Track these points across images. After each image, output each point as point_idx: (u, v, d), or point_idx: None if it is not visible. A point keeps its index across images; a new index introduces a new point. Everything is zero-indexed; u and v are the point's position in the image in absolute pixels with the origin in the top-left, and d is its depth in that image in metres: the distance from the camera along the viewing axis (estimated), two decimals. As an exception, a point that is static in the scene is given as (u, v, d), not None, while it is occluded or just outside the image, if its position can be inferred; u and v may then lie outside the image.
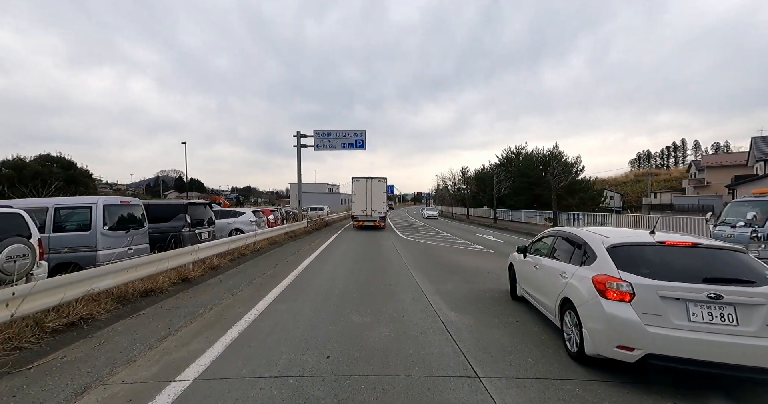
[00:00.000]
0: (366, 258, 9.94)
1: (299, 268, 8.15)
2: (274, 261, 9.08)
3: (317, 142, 20.58)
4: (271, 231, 12.43)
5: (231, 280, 6.78)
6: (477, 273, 7.93)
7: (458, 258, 10.11)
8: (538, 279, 4.43)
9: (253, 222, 13.66)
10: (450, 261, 9.69)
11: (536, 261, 4.61)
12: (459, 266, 8.83)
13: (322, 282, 6.71)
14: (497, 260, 9.92)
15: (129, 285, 4.91)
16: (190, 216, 8.33)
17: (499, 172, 28.27)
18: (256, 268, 8.10)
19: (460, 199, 50.72)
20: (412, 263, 9.20)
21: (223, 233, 12.90)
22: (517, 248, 5.43)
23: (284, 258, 9.81)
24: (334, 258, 9.83)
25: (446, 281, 7.02)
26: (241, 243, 9.23)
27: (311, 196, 57.72)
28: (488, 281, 7.08)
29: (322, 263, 9.02)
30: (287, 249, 11.80)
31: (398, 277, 7.32)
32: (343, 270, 8.08)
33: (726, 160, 47.17)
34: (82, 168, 25.75)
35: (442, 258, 10.12)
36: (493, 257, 10.57)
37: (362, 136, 20.66)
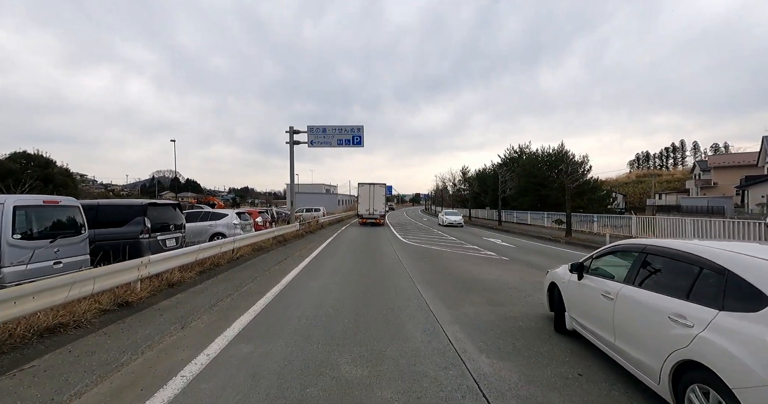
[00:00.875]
0: (363, 269, 8.51)
1: (281, 283, 6.70)
2: (254, 274, 7.62)
3: (311, 138, 19.13)
4: (256, 236, 10.97)
5: (190, 302, 5.32)
6: (499, 289, 6.50)
7: (471, 269, 8.68)
8: (614, 316, 3.01)
9: (237, 226, 12.21)
10: (462, 272, 8.26)
11: (606, 288, 3.19)
12: (474, 279, 7.41)
13: (307, 306, 5.27)
14: (517, 270, 8.51)
15: (22, 321, 3.45)
16: (150, 220, 6.87)
17: (504, 172, 26.88)
18: (229, 283, 6.64)
19: (461, 200, 49.42)
20: (417, 275, 7.77)
21: (202, 238, 11.46)
22: (570, 266, 3.98)
23: (267, 268, 8.35)
24: (325, 269, 8.39)
25: (464, 302, 5.59)
26: (214, 251, 7.77)
27: (308, 196, 56.24)
28: (516, 302, 5.65)
29: (310, 276, 7.58)
30: (273, 256, 10.34)
31: (403, 297, 5.89)
32: (335, 285, 6.64)
33: (734, 160, 46.05)
34: (61, 166, 24.24)
35: (452, 269, 8.69)
36: (511, 266, 9.15)
37: (359, 132, 19.23)
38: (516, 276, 7.78)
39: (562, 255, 11.72)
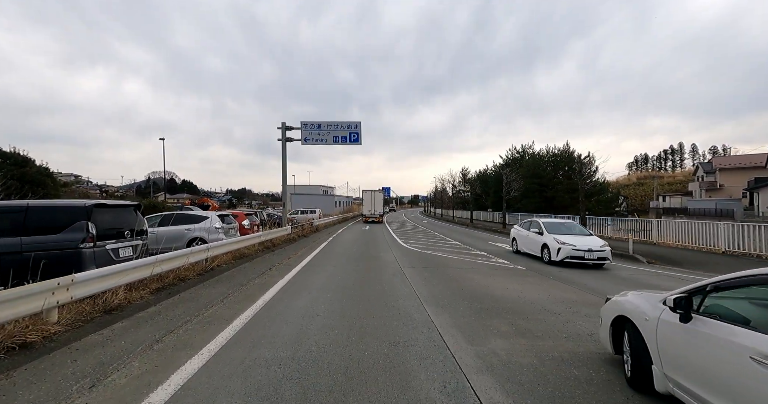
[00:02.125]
0: (359, 282, 7.21)
1: (257, 304, 5.40)
2: (227, 289, 6.31)
3: (305, 135, 17.84)
4: (238, 242, 9.65)
5: (127, 336, 4.00)
6: (527, 311, 5.23)
7: (485, 282, 7.41)
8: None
9: (219, 230, 10.87)
10: (475, 286, 6.98)
11: (761, 347, 1.93)
12: (492, 296, 6.13)
13: (283, 341, 3.97)
14: (537, 283, 7.24)
15: None
16: (96, 224, 5.56)
17: (508, 172, 25.66)
18: (191, 305, 5.32)
19: (461, 202, 48.23)
20: (423, 290, 6.49)
21: (179, 244, 10.13)
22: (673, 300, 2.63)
23: (245, 282, 7.04)
24: (314, 283, 7.09)
25: (488, 332, 4.31)
26: (178, 262, 6.44)
27: (304, 198, 54.85)
28: (555, 332, 4.37)
29: (295, 292, 6.27)
30: (256, 266, 9.03)
31: (409, 324, 4.60)
32: (323, 307, 5.34)
33: (740, 162, 45.10)
34: (40, 165, 22.85)
35: (463, 281, 7.41)
36: (530, 278, 7.87)
37: (357, 129, 17.97)
38: (540, 292, 6.51)
39: (583, 263, 10.46)
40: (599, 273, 8.87)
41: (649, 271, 9.35)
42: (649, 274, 8.86)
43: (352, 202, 79.57)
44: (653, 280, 8.06)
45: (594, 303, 5.75)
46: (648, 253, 11.86)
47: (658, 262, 10.73)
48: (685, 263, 10.50)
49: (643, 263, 10.75)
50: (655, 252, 12.39)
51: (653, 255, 11.53)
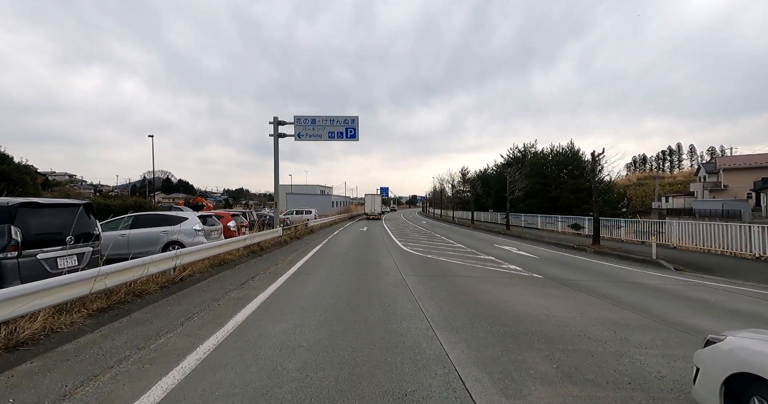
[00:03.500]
0: (354, 296, 6.10)
1: (225, 330, 4.28)
2: (192, 307, 5.18)
3: (298, 130, 16.74)
4: (217, 247, 8.50)
5: (19, 392, 2.88)
6: (565, 339, 4.13)
7: (502, 294, 6.31)
8: None
9: (199, 232, 9.75)
10: (492, 300, 5.89)
11: None
12: (516, 317, 5.03)
13: (247, 393, 2.86)
14: (564, 297, 6.13)
15: None
16: (24, 229, 4.43)
17: (512, 171, 24.62)
18: (136, 332, 4.18)
19: (460, 202, 47.19)
20: (432, 308, 5.39)
21: (153, 249, 9.01)
22: None
23: (218, 296, 5.91)
24: (300, 297, 5.97)
25: (524, 374, 3.21)
26: (133, 273, 5.25)
27: (300, 197, 53.67)
28: (612, 371, 3.28)
29: (276, 312, 5.16)
30: (236, 275, 7.89)
31: (419, 361, 3.49)
32: (308, 334, 4.23)
33: (745, 162, 44.26)
34: (19, 163, 21.62)
35: (477, 294, 6.32)
36: (552, 290, 6.78)
37: (354, 124, 16.86)
38: (570, 309, 5.43)
39: (605, 270, 9.40)
40: (625, 283, 7.80)
41: (682, 280, 8.29)
42: (684, 285, 7.79)
43: (350, 202, 78.42)
44: (696, 293, 6.99)
45: (642, 326, 4.68)
46: (673, 259, 10.81)
47: (687, 269, 9.67)
48: (718, 270, 9.44)
49: (670, 270, 9.69)
50: (680, 257, 11.34)
51: (679, 261, 10.48)
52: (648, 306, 5.80)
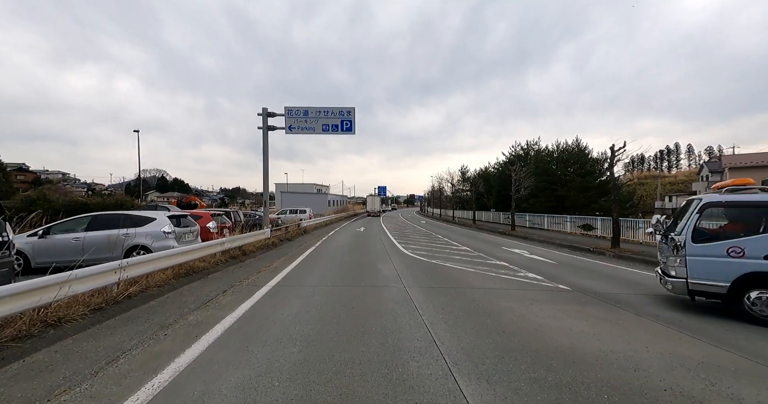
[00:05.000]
0: (346, 324, 4.79)
1: (150, 387, 2.97)
2: (126, 341, 3.86)
3: (290, 122, 15.39)
4: (184, 253, 7.14)
5: None
6: (648, 397, 2.85)
7: (533, 316, 5.03)
8: None
9: (169, 235, 8.40)
10: (522, 325, 4.60)
11: None
12: (562, 353, 3.75)
13: None
14: (616, 321, 4.81)
15: None
16: None
17: (518, 169, 23.37)
18: (16, 391, 2.87)
19: (460, 202, 45.97)
20: (448, 337, 4.10)
21: (113, 254, 7.67)
22: None
23: (169, 321, 4.58)
24: (279, 321, 4.66)
25: None
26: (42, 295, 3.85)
27: (296, 196, 52.30)
28: None
29: (238, 350, 3.84)
30: (205, 287, 6.56)
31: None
32: (277, 390, 2.93)
33: (751, 161, 43.31)
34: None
35: (500, 314, 5.03)
36: (597, 309, 5.49)
37: (350, 116, 15.55)
38: (630, 340, 4.15)
39: (638, 280, 8.13)
40: (671, 298, 6.45)
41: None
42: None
43: (347, 202, 77.04)
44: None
45: (741, 370, 3.40)
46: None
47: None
48: None
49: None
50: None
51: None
52: (724, 334, 4.53)
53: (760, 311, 4.90)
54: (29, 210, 13.43)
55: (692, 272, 5.39)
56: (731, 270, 5.10)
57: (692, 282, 5.39)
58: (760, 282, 4.96)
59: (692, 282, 5.39)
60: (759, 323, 4.88)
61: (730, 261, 5.13)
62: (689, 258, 5.42)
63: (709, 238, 5.44)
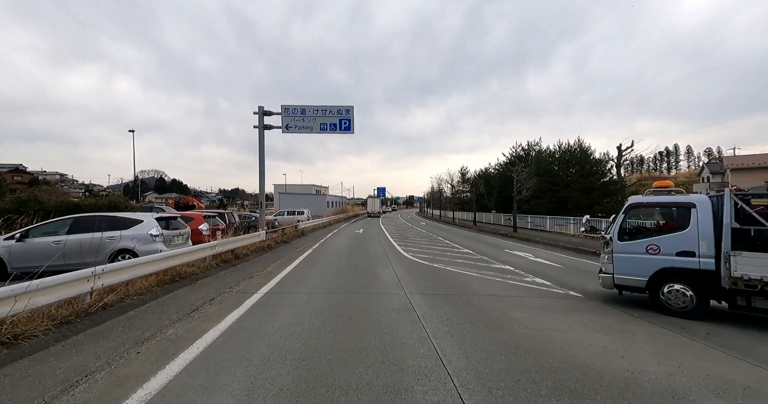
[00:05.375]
0: (340, 340, 4.33)
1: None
2: (92, 361, 3.40)
3: (286, 121, 14.97)
4: (169, 258, 6.67)
5: None
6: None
7: (546, 328, 4.59)
8: None
9: (156, 238, 7.94)
10: (537, 341, 4.16)
11: None
12: (583, 373, 3.31)
13: None
14: (630, 330, 4.38)
15: None
16: None
17: (520, 169, 22.96)
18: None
19: (459, 203, 45.53)
20: (457, 356, 3.65)
21: (97, 258, 7.23)
22: None
23: (146, 337, 4.13)
24: (267, 336, 4.21)
25: None
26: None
27: (294, 197, 51.80)
28: None
29: (221, 369, 3.39)
30: (192, 295, 6.11)
31: None
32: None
33: (754, 162, 42.95)
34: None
35: (513, 329, 4.58)
36: (611, 320, 5.05)
37: (348, 115, 15.13)
38: (658, 357, 3.71)
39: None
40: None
41: None
42: None
43: (346, 203, 76.51)
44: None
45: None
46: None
47: None
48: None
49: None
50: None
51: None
52: (762, 349, 4.09)
53: (674, 303, 5.33)
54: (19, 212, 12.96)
55: (617, 268, 5.82)
56: (649, 265, 5.51)
57: (617, 277, 5.82)
58: (673, 277, 5.37)
59: (617, 277, 5.82)
60: (672, 314, 5.31)
61: (649, 257, 5.54)
62: (615, 255, 5.86)
63: (633, 236, 5.84)
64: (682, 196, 5.72)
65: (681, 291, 5.26)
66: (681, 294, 5.26)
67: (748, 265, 4.73)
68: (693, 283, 5.21)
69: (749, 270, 4.71)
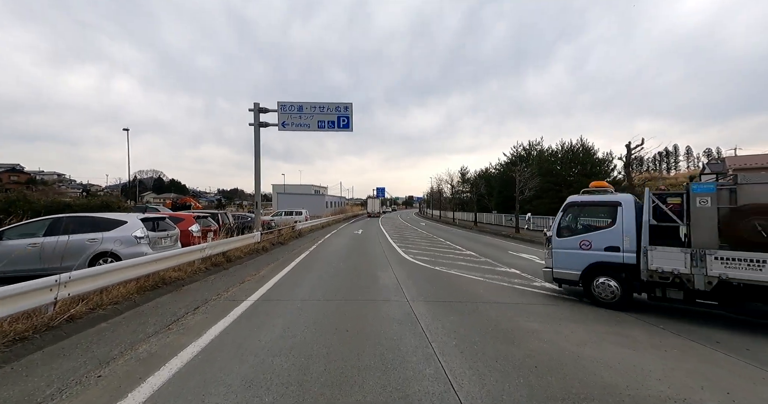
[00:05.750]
0: (335, 358, 3.84)
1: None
2: (41, 388, 2.93)
3: (283, 119, 14.46)
4: (151, 262, 6.16)
5: None
6: None
7: (563, 342, 4.11)
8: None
9: (141, 240, 7.45)
10: (557, 358, 3.68)
11: None
12: (617, 399, 2.83)
13: None
14: (657, 344, 3.89)
15: None
16: None
17: (522, 169, 22.49)
18: None
19: (460, 203, 45.04)
20: (467, 377, 3.18)
21: (77, 262, 6.74)
22: None
23: (113, 355, 3.63)
24: (252, 353, 3.73)
25: None
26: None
27: (292, 197, 51.25)
28: None
29: (193, 397, 2.90)
30: (173, 304, 5.61)
31: None
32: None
33: (756, 162, 42.50)
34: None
35: (528, 342, 4.10)
36: (637, 332, 4.57)
37: (347, 112, 14.63)
38: (700, 379, 3.24)
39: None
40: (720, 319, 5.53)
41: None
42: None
43: (346, 203, 75.97)
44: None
45: None
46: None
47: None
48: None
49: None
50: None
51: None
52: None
53: (603, 295, 5.72)
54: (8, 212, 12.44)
55: (556, 262, 6.28)
56: (582, 260, 5.93)
57: (556, 271, 6.27)
58: (602, 271, 5.77)
59: (556, 271, 6.27)
60: (601, 305, 5.72)
61: (582, 252, 5.97)
62: (554, 250, 6.32)
63: (569, 233, 6.27)
64: (611, 196, 6.14)
65: (608, 283, 5.68)
66: (608, 286, 5.68)
67: (662, 259, 5.12)
68: (618, 276, 5.64)
69: (663, 264, 5.10)
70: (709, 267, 4.75)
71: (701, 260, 4.80)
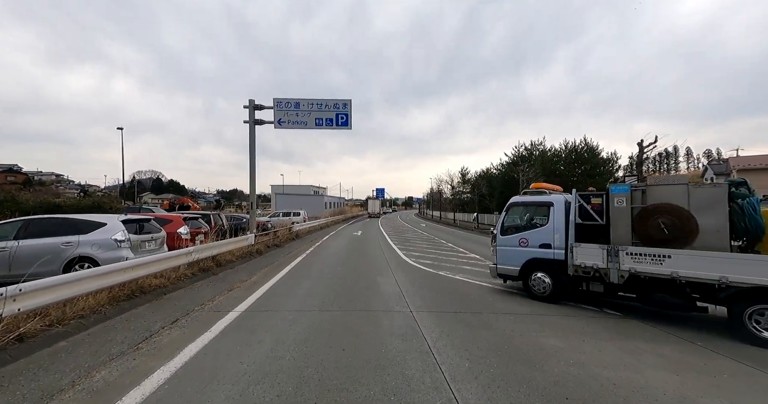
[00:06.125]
0: (328, 389, 3.30)
1: None
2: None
3: (279, 116, 13.90)
4: (127, 269, 5.57)
5: None
6: None
7: (592, 363, 3.56)
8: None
9: (122, 243, 6.87)
10: (587, 385, 3.13)
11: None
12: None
13: None
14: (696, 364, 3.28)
15: None
16: None
17: (525, 170, 21.95)
18: None
19: (460, 204, 44.47)
20: (487, 417, 2.62)
21: (50, 267, 6.20)
22: None
23: (63, 387, 3.07)
24: (230, 382, 3.16)
25: None
26: None
27: (290, 198, 50.62)
28: None
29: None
30: (149, 316, 5.02)
31: None
32: None
33: (760, 163, 42.03)
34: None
35: (549, 364, 3.54)
36: (665, 346, 4.02)
37: (346, 109, 14.07)
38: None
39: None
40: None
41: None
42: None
43: (345, 204, 75.36)
44: None
45: None
46: None
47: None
48: None
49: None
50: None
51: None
52: None
53: (538, 289, 6.16)
54: (-6, 213, 11.85)
55: (499, 259, 6.71)
56: (521, 256, 6.37)
57: (499, 267, 6.68)
58: (537, 266, 6.19)
59: (499, 267, 6.68)
60: (536, 298, 6.15)
61: (521, 249, 6.40)
62: (498, 247, 6.76)
63: (510, 231, 6.67)
64: (545, 196, 6.56)
65: (542, 278, 6.11)
66: (542, 281, 6.11)
67: (585, 255, 5.52)
68: (550, 271, 6.05)
69: (585, 259, 5.52)
70: (622, 262, 5.17)
71: (615, 255, 5.23)
